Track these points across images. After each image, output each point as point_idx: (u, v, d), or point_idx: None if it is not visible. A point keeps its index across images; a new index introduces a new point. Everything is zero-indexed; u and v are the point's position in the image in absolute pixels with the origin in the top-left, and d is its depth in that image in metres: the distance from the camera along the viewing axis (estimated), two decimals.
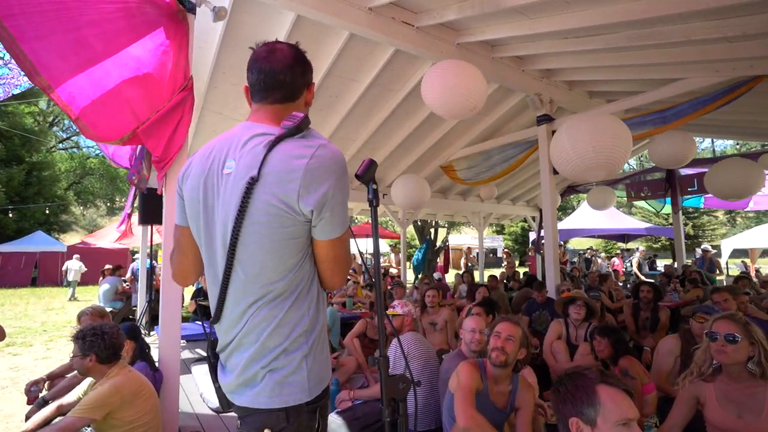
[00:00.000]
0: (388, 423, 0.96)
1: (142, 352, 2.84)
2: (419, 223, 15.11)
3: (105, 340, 2.20)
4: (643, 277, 11.28)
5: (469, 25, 4.05)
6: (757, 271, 13.79)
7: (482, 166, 6.74)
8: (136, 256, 8.31)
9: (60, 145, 28.24)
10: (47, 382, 3.09)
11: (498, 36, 4.00)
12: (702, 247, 11.23)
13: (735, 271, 14.58)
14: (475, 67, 3.50)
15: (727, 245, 13.26)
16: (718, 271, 9.75)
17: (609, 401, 1.24)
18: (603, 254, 18.23)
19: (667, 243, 24.50)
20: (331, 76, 4.73)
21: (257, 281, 1.04)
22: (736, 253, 14.37)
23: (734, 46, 3.52)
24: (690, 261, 9.01)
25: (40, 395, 2.90)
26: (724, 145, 34.84)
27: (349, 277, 9.25)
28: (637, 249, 14.45)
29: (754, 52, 3.52)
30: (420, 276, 10.90)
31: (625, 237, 15.22)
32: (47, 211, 21.26)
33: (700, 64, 4.04)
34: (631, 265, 13.85)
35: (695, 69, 4.16)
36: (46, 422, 2.30)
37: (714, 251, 11.52)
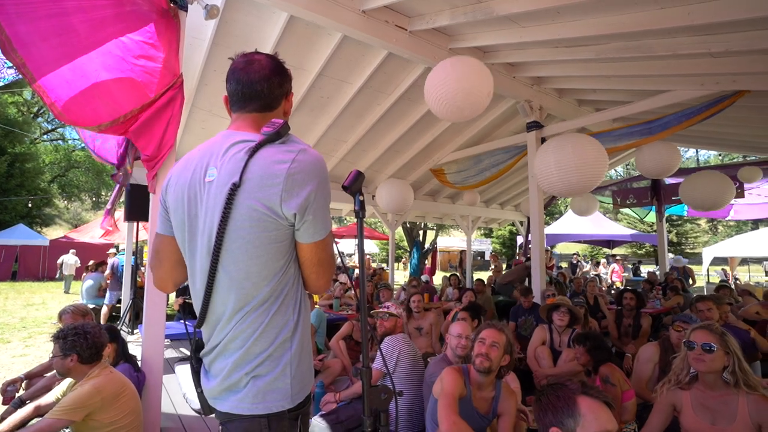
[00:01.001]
0: None
1: (124, 353, 2.79)
2: (408, 226, 15.15)
3: (87, 340, 2.17)
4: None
5: (462, 31, 4.09)
6: (736, 279, 14.13)
7: (472, 170, 6.80)
8: (119, 250, 8.10)
9: (45, 136, 27.64)
10: (25, 382, 3.02)
11: (489, 42, 4.04)
12: (674, 257, 11.50)
13: (715, 278, 14.92)
14: (479, 61, 3.44)
15: (708, 253, 13.55)
16: (691, 281, 10.00)
17: (589, 413, 1.27)
18: (590, 260, 18.43)
19: (651, 249, 24.94)
20: (323, 77, 4.73)
21: (243, 286, 1.04)
22: (717, 261, 14.69)
23: (718, 61, 3.61)
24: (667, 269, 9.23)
25: (17, 395, 2.83)
26: (708, 155, 35.58)
27: (335, 278, 9.24)
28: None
29: (737, 67, 3.62)
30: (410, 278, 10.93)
31: (610, 243, 15.49)
32: (29, 204, 20.80)
33: (686, 78, 4.13)
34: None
35: (681, 82, 4.25)
36: (23, 423, 2.25)
37: (686, 261, 11.81)
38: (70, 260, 13.52)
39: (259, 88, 1.12)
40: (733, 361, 1.90)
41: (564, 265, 18.48)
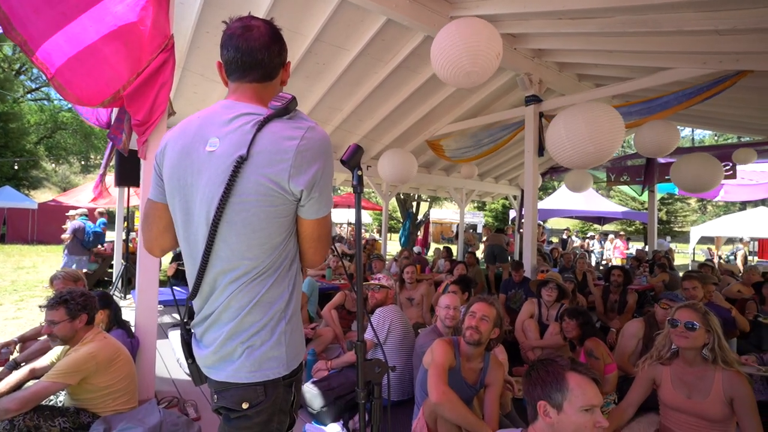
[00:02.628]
0: (362, 406, 0.99)
1: (117, 319, 2.81)
2: (402, 197, 15.14)
3: (93, 301, 2.25)
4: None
5: None
6: (720, 258, 14.46)
7: (470, 147, 6.75)
8: (80, 214, 7.90)
9: (29, 96, 26.73)
10: (18, 345, 3.05)
11: (492, 12, 3.92)
12: (658, 241, 11.64)
13: (701, 257, 15.25)
14: (486, 22, 3.28)
15: (696, 232, 13.78)
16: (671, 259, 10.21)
17: (576, 387, 1.32)
18: (581, 236, 18.65)
19: (641, 227, 25.29)
20: (319, 43, 4.58)
21: (244, 257, 1.04)
22: (704, 240, 14.98)
23: (723, 39, 3.54)
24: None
25: (11, 357, 2.87)
26: (703, 134, 35.62)
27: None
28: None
29: (742, 46, 3.56)
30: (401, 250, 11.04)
31: (601, 219, 15.64)
32: (15, 166, 20.34)
33: (689, 55, 4.06)
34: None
35: (684, 59, 4.18)
36: (18, 386, 2.28)
37: (668, 245, 11.98)
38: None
39: (260, 56, 1.09)
40: (714, 338, 1.98)
41: (554, 240, 18.73)
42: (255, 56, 1.08)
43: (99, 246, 8.00)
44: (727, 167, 7.21)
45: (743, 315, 4.14)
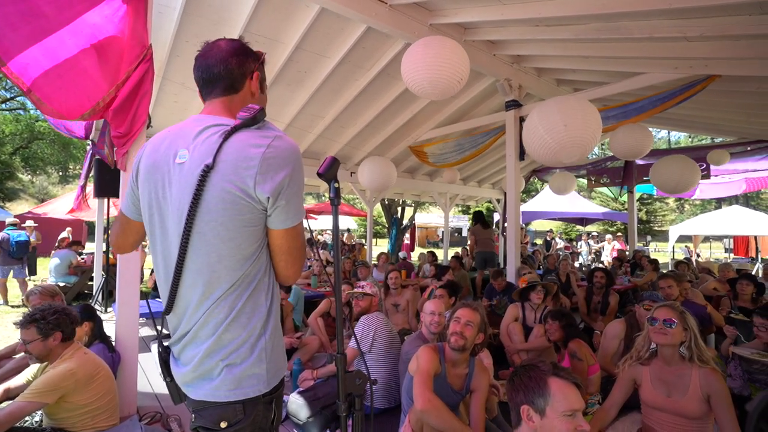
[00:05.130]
0: (343, 418, 0.99)
1: (100, 333, 2.75)
2: (386, 202, 15.16)
3: (68, 316, 2.17)
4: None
5: (443, 7, 4.01)
6: (698, 255, 14.84)
7: (453, 152, 6.82)
8: (8, 224, 7.83)
9: (3, 105, 26.02)
10: None
11: (470, 19, 3.98)
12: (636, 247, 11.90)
13: (680, 255, 15.64)
14: (455, 42, 3.38)
15: (674, 231, 14.13)
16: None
17: (558, 393, 1.34)
18: (564, 238, 18.89)
19: (622, 227, 25.81)
20: (300, 51, 4.58)
21: (215, 270, 1.03)
22: (682, 239, 15.35)
23: (692, 46, 3.67)
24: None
25: None
26: (679, 136, 36.63)
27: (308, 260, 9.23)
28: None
29: (710, 52, 3.69)
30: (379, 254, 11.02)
31: (583, 220, 15.93)
32: None
33: (661, 60, 4.19)
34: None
35: (656, 65, 4.31)
36: None
37: (648, 240, 12.25)
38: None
39: (216, 71, 1.13)
40: (690, 336, 2.03)
41: (539, 242, 18.96)
42: (212, 71, 1.13)
43: (79, 258, 7.80)
44: (702, 167, 7.43)
45: (718, 311, 4.26)
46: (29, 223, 9.11)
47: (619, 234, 15.97)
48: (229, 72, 1.14)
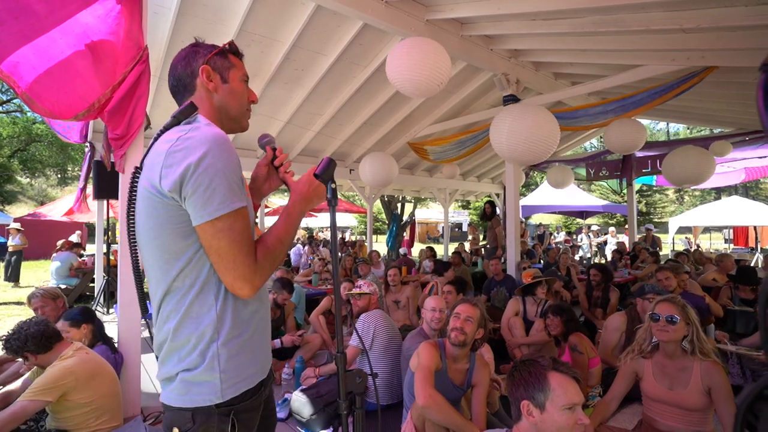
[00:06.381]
0: (344, 417, 1.00)
1: (102, 335, 2.76)
2: (386, 198, 15.15)
3: (36, 336, 2.11)
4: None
5: (439, 2, 3.99)
6: (698, 246, 14.86)
7: (452, 148, 6.81)
8: None
9: (0, 108, 25.95)
10: None
11: (467, 14, 3.97)
12: (645, 226, 11.98)
13: (680, 246, 15.66)
14: (439, 44, 3.42)
15: (674, 223, 14.14)
16: (659, 248, 10.55)
17: (558, 387, 1.35)
18: (563, 231, 18.84)
19: (622, 219, 25.81)
20: (297, 49, 4.57)
21: (153, 272, 1.05)
22: (682, 230, 15.37)
23: (689, 37, 3.66)
24: (637, 238, 9.66)
25: None
26: (677, 127, 36.58)
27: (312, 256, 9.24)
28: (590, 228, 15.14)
29: (706, 43, 3.69)
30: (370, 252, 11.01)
31: (583, 213, 15.93)
32: None
33: (658, 53, 4.18)
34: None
35: (654, 57, 4.30)
36: None
37: (656, 229, 12.32)
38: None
39: (171, 83, 1.18)
40: (692, 330, 2.04)
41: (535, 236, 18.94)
42: (171, 84, 1.18)
43: (80, 260, 7.81)
44: None
45: (717, 301, 4.27)
46: (13, 225, 9.03)
47: (627, 228, 15.89)
48: (178, 79, 1.16)
